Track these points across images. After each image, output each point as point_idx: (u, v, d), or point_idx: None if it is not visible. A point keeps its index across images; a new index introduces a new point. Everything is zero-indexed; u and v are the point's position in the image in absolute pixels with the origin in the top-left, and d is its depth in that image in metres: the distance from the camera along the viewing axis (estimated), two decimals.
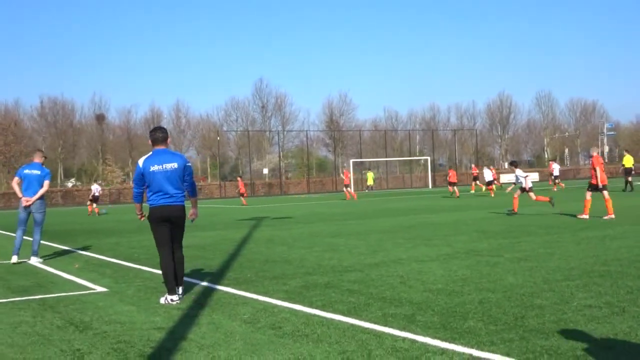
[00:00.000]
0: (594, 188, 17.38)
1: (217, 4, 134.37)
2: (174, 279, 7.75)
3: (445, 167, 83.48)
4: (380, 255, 11.27)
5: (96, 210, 33.67)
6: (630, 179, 33.01)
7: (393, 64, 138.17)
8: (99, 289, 8.93)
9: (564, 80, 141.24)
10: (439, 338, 5.45)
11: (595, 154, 17.99)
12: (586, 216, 17.08)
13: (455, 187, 36.44)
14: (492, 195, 34.51)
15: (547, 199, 20.19)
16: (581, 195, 21.30)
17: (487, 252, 11.01)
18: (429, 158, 72.14)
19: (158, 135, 8.00)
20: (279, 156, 76.83)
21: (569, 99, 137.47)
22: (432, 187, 65.12)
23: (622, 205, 22.28)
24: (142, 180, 7.83)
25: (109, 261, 12.03)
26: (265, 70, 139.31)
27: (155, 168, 7.74)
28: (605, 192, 17.11)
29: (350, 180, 42.37)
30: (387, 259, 10.65)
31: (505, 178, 68.54)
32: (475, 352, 4.98)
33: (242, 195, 40.33)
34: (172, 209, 7.80)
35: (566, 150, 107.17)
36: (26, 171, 12.54)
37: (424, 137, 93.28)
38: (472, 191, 40.99)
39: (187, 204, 8.02)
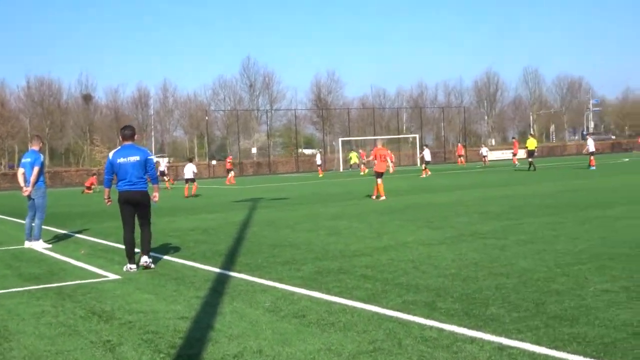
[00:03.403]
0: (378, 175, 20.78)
1: None
2: (133, 252, 9.36)
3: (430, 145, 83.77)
4: (386, 238, 11.36)
5: (167, 185, 37.11)
6: (531, 160, 36.40)
7: (381, 42, 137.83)
8: (112, 276, 8.96)
9: (550, 57, 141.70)
10: (465, 326, 5.54)
11: (379, 145, 22.21)
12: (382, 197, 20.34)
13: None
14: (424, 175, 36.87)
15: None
16: (556, 174, 21.46)
17: (491, 234, 11.12)
18: (417, 136, 72.25)
19: (127, 132, 9.68)
20: (267, 135, 76.60)
21: (555, 75, 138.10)
22: (420, 164, 65.22)
23: (620, 183, 22.54)
24: (112, 169, 9.48)
25: (115, 247, 12.02)
26: (253, 48, 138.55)
27: (121, 160, 9.38)
28: (379, 180, 20.60)
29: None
30: (394, 243, 10.73)
31: (494, 155, 68.85)
32: (505, 341, 5.07)
33: (229, 171, 40.97)
34: (134, 194, 9.36)
35: (552, 127, 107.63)
36: (23, 160, 12.71)
37: (411, 114, 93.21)
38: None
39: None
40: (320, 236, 12.09)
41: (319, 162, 51.22)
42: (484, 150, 56.75)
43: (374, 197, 20.70)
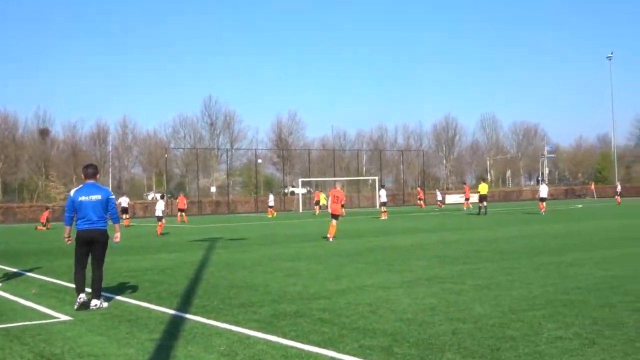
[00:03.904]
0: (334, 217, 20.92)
1: (168, 20, 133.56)
2: (83, 286, 9.36)
3: (391, 187, 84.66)
4: (345, 281, 11.33)
5: (126, 223, 36.19)
6: (484, 204, 37.60)
7: (342, 83, 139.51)
8: (63, 317, 8.74)
9: (507, 103, 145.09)
10: None
11: (338, 187, 22.39)
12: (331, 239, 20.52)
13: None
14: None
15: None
16: (511, 220, 21.74)
17: (449, 278, 11.19)
18: (376, 178, 72.78)
19: (89, 171, 9.79)
20: (227, 174, 76.33)
21: (512, 121, 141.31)
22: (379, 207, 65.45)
23: (574, 230, 22.96)
24: (73, 207, 9.50)
25: (67, 286, 11.72)
26: (215, 87, 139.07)
27: (83, 198, 9.44)
28: (334, 221, 20.83)
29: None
30: (352, 286, 10.71)
31: (452, 199, 69.67)
32: None
33: (181, 211, 40.68)
34: (94, 233, 9.40)
35: (508, 172, 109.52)
36: None
37: (371, 157, 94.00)
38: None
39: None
40: (277, 278, 12.02)
41: (271, 203, 49.18)
42: (438, 194, 60.04)
43: (330, 238, 20.66)
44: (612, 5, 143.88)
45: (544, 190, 36.94)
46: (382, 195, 39.39)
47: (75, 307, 9.21)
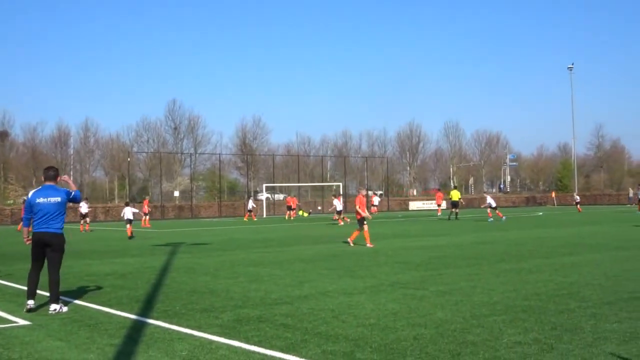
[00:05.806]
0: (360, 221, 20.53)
1: (130, 23, 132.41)
2: (34, 290, 9.43)
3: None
4: (307, 286, 11.34)
5: (87, 228, 35.14)
6: (456, 210, 39.84)
7: (306, 89, 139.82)
8: (21, 321, 8.60)
9: (470, 112, 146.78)
10: None
11: (362, 193, 21.88)
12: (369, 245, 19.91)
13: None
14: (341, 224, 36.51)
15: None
16: (474, 226, 21.95)
17: (411, 284, 11.28)
18: (340, 184, 72.93)
19: (50, 173, 9.74)
20: (191, 179, 75.76)
21: (474, 130, 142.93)
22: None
23: (535, 236, 23.27)
24: (30, 208, 9.46)
25: (26, 290, 11.51)
26: (179, 91, 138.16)
27: (40, 200, 9.39)
28: (365, 226, 20.39)
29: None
30: (315, 291, 10.73)
31: (415, 205, 70.18)
32: None
33: (145, 214, 40.81)
34: (49, 235, 9.34)
35: (471, 179, 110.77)
36: None
37: (335, 163, 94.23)
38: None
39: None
40: (240, 283, 11.98)
41: (250, 207, 50.02)
42: (376, 199, 56.43)
43: (350, 242, 20.52)
44: (573, 17, 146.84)
45: (491, 200, 37.62)
46: (337, 204, 39.46)
47: (24, 310, 9.28)
